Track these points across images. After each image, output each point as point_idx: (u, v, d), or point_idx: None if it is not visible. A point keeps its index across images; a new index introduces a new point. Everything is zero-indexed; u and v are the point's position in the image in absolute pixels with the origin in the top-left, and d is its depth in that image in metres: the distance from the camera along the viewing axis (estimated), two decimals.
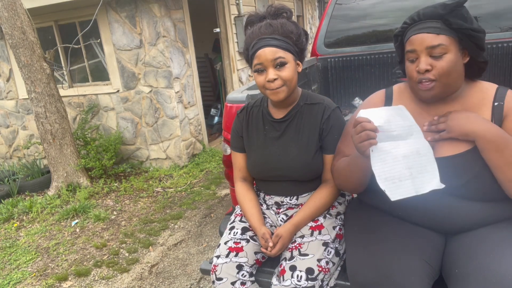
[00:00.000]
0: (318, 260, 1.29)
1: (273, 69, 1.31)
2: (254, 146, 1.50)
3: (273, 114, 1.47)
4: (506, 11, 2.60)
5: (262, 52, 1.30)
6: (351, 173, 1.24)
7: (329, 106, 1.41)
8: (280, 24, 1.33)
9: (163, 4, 4.56)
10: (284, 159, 1.42)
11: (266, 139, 1.47)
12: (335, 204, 1.49)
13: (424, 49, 1.16)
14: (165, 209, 3.86)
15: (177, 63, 4.78)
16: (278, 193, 1.51)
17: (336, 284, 1.33)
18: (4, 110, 5.74)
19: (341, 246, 1.40)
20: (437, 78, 1.15)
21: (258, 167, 1.48)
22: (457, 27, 1.14)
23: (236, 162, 1.58)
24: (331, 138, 1.39)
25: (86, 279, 2.86)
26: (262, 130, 1.48)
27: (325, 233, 1.38)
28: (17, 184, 4.67)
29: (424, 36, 1.16)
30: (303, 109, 1.43)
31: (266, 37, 1.31)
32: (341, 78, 3.08)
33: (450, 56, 1.14)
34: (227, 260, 1.40)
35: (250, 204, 1.49)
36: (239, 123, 1.55)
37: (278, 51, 1.30)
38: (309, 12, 10.59)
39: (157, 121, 4.86)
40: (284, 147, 1.44)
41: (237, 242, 1.45)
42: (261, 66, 1.32)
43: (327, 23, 3.03)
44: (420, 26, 1.18)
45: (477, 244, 1.10)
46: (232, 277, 1.36)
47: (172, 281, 2.72)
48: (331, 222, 1.43)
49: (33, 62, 4.07)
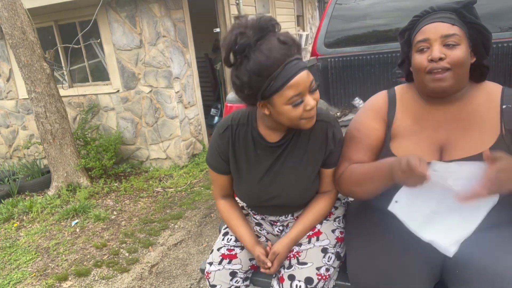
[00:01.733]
0: (317, 269, 1.25)
1: (309, 95, 1.11)
2: (244, 174, 1.32)
3: (265, 136, 1.27)
4: (506, 11, 2.60)
5: (300, 79, 1.07)
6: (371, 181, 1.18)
7: (330, 122, 1.26)
8: (291, 38, 1.10)
9: (163, 4, 4.56)
10: (281, 188, 1.29)
11: (258, 166, 1.29)
12: (332, 211, 1.43)
13: (438, 37, 1.14)
14: (165, 209, 3.86)
15: (177, 63, 4.78)
16: (272, 214, 1.42)
17: (335, 285, 1.33)
18: (4, 110, 5.74)
19: (342, 249, 1.35)
20: (452, 67, 1.12)
21: (251, 198, 1.36)
22: (470, 21, 1.14)
23: (217, 181, 1.40)
24: (336, 154, 1.29)
25: (86, 279, 2.86)
26: (253, 155, 1.29)
27: (323, 239, 1.32)
28: (17, 184, 4.67)
29: (439, 25, 1.15)
30: (301, 130, 1.26)
31: (292, 59, 1.07)
32: (341, 78, 3.08)
33: (463, 48, 1.13)
34: (220, 267, 1.37)
35: (238, 222, 1.38)
36: (222, 145, 1.31)
37: (309, 73, 1.11)
38: (309, 12, 10.58)
39: (157, 121, 4.86)
40: (280, 174, 1.28)
41: (230, 249, 1.41)
42: (299, 97, 1.09)
43: (327, 23, 3.03)
44: (435, 16, 1.17)
45: (478, 246, 1.10)
46: (226, 284, 1.35)
47: (172, 281, 2.72)
48: (330, 226, 1.37)
49: (33, 62, 4.07)
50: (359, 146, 1.28)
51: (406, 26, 1.26)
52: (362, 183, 1.20)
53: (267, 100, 1.12)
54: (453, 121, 1.20)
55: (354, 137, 1.30)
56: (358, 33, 3.04)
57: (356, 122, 1.33)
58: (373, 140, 1.27)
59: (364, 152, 1.27)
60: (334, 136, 1.26)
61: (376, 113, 1.30)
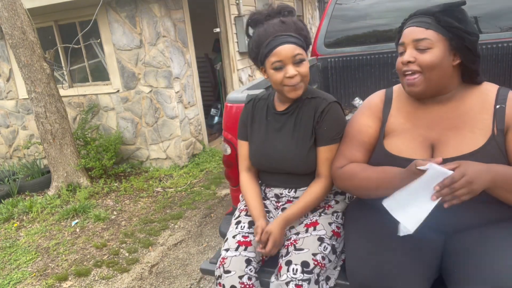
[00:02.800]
0: (313, 254, 1.30)
1: (292, 65, 1.33)
2: (256, 136, 1.53)
3: (276, 106, 1.51)
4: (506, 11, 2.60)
5: (282, 49, 1.31)
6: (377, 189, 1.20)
7: (327, 99, 1.42)
8: (293, 21, 1.36)
9: (163, 4, 4.56)
10: (282, 151, 1.45)
11: (268, 130, 1.50)
12: (331, 204, 1.48)
13: (410, 41, 1.19)
14: (165, 209, 3.86)
15: (177, 63, 4.78)
16: (277, 185, 1.53)
17: (336, 284, 1.33)
18: (4, 110, 5.74)
19: (339, 244, 1.39)
20: (422, 70, 1.17)
21: (257, 157, 1.52)
22: (445, 25, 1.16)
23: (241, 151, 1.60)
24: (324, 130, 1.39)
25: (86, 279, 2.86)
26: (265, 121, 1.52)
27: (320, 229, 1.38)
28: (17, 184, 4.67)
29: (413, 29, 1.20)
30: (304, 103, 1.45)
31: (282, 34, 1.33)
32: (341, 78, 3.08)
33: (435, 52, 1.16)
34: (236, 253, 1.40)
35: (252, 195, 1.51)
36: (245, 113, 1.58)
37: (296, 48, 1.33)
38: (309, 12, 10.59)
39: (157, 121, 4.86)
40: (282, 139, 1.46)
41: (245, 236, 1.45)
42: (280, 64, 1.33)
43: (327, 23, 3.03)
44: (413, 20, 1.23)
45: (476, 244, 1.10)
46: (241, 271, 1.36)
47: (172, 281, 2.72)
48: (327, 219, 1.43)
49: (33, 62, 4.07)
50: (353, 142, 1.34)
51: (398, 29, 1.31)
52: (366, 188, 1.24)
53: (263, 65, 1.40)
54: (445, 120, 1.22)
55: (348, 134, 1.37)
56: (358, 33, 3.04)
57: (352, 119, 1.40)
58: (366, 136, 1.33)
59: (356, 148, 1.33)
60: (324, 110, 1.39)
61: (370, 111, 1.36)
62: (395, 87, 1.38)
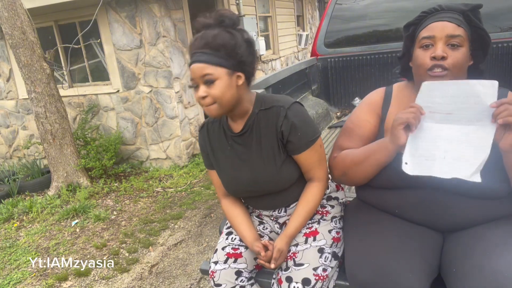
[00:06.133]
0: (314, 269, 1.26)
1: (203, 85, 1.20)
2: (222, 165, 1.41)
3: (232, 127, 1.36)
4: (506, 11, 2.60)
5: (193, 67, 1.21)
6: (364, 167, 1.21)
7: (283, 105, 1.27)
8: (212, 36, 1.19)
9: (163, 4, 4.56)
10: (251, 174, 1.34)
11: (232, 156, 1.38)
12: (328, 209, 1.44)
13: (444, 36, 1.15)
14: (165, 209, 3.86)
15: (177, 63, 4.78)
16: (264, 208, 1.44)
17: (336, 285, 1.33)
18: (4, 110, 5.74)
19: (339, 249, 1.36)
20: (450, 68, 1.14)
21: (230, 185, 1.42)
22: (475, 25, 1.16)
23: (213, 180, 1.49)
24: (295, 139, 1.26)
25: (86, 279, 2.86)
26: (226, 146, 1.39)
27: (320, 239, 1.34)
28: (17, 184, 4.67)
29: (446, 24, 1.16)
30: (259, 117, 1.30)
31: (197, 51, 1.20)
32: (341, 78, 3.08)
33: (464, 50, 1.15)
34: (225, 266, 1.37)
35: (239, 219, 1.43)
36: (202, 141, 1.45)
37: (206, 67, 1.18)
38: (309, 12, 10.59)
39: (157, 121, 4.86)
40: (249, 162, 1.34)
41: (235, 248, 1.42)
42: (193, 82, 1.22)
43: (327, 23, 3.03)
44: (442, 15, 1.19)
45: (475, 242, 1.10)
46: (231, 283, 1.35)
47: (172, 281, 2.72)
48: (327, 226, 1.38)
49: (33, 62, 4.07)
50: (351, 135, 1.34)
51: (413, 21, 1.28)
52: (357, 164, 1.24)
53: None
54: None
55: (347, 127, 1.37)
56: (358, 33, 3.04)
57: (351, 115, 1.40)
58: (364, 130, 1.33)
59: (354, 141, 1.33)
60: (286, 117, 1.25)
61: (370, 107, 1.36)
62: (395, 85, 1.38)
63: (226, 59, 1.20)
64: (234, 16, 1.25)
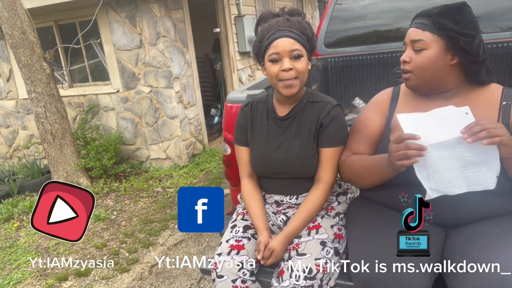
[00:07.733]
0: (316, 259, 1.29)
1: (289, 59, 1.32)
2: (257, 141, 1.51)
3: (277, 110, 1.49)
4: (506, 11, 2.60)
5: (280, 41, 1.33)
6: (369, 176, 1.26)
7: (330, 103, 1.42)
8: (297, 20, 1.37)
9: (163, 4, 4.56)
10: (285, 155, 1.44)
11: (269, 135, 1.48)
12: (333, 205, 1.48)
13: (409, 42, 1.26)
14: (165, 209, 3.86)
15: (177, 63, 4.78)
16: (278, 192, 1.51)
17: (336, 284, 1.33)
18: (4, 110, 5.74)
19: (341, 246, 1.39)
20: (413, 71, 1.24)
21: (260, 162, 1.50)
22: (440, 27, 1.19)
23: (241, 157, 1.57)
24: (328, 132, 1.39)
25: (86, 279, 2.86)
26: (266, 126, 1.50)
27: (322, 232, 1.38)
28: (17, 184, 4.67)
29: (412, 30, 1.26)
30: (306, 107, 1.44)
31: (284, 29, 1.34)
32: (341, 78, 3.08)
33: (429, 53, 1.21)
34: (228, 258, 1.39)
35: (256, 204, 1.49)
36: (243, 117, 1.55)
37: (295, 43, 1.33)
38: (309, 12, 10.59)
39: (157, 121, 4.86)
40: (285, 143, 1.45)
41: (238, 240, 1.45)
42: (277, 56, 1.33)
43: (327, 23, 3.03)
44: (414, 21, 1.28)
45: (475, 238, 1.11)
46: (233, 275, 1.36)
47: (172, 281, 2.72)
48: (329, 222, 1.42)
49: (33, 62, 4.07)
50: (358, 135, 1.38)
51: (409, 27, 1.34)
52: (361, 177, 1.29)
53: (263, 60, 1.40)
54: None
55: (354, 128, 1.41)
56: (358, 33, 3.04)
57: (359, 115, 1.44)
58: (370, 130, 1.36)
59: (362, 141, 1.37)
60: (328, 113, 1.40)
61: (377, 106, 1.40)
62: (403, 85, 1.41)
63: (305, 41, 1.37)
64: (302, 11, 1.47)
